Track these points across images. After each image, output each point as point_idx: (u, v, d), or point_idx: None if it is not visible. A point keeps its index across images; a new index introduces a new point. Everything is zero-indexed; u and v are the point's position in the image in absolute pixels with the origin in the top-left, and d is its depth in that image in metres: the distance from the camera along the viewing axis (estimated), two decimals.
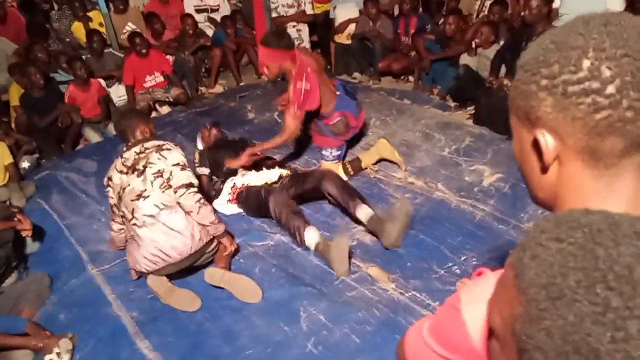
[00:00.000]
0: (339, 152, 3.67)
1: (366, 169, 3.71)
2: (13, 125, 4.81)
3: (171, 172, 2.68)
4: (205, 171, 3.51)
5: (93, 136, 4.86)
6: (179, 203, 2.66)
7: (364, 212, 2.95)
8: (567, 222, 0.49)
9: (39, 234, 3.35)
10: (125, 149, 2.86)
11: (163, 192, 2.65)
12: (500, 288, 0.55)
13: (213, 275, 2.72)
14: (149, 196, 2.64)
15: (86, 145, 4.89)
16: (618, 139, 0.60)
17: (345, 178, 3.55)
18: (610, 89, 0.58)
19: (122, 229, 2.88)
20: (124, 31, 5.89)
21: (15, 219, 3.07)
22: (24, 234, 3.08)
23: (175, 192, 2.65)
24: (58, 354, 2.44)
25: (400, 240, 2.88)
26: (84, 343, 2.56)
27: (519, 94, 0.67)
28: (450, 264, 2.76)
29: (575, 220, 0.48)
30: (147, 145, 2.79)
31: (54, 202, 3.86)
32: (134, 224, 2.65)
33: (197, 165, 3.53)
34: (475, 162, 3.71)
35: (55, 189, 4.06)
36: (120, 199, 2.72)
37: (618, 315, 0.42)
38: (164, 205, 2.64)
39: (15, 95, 4.78)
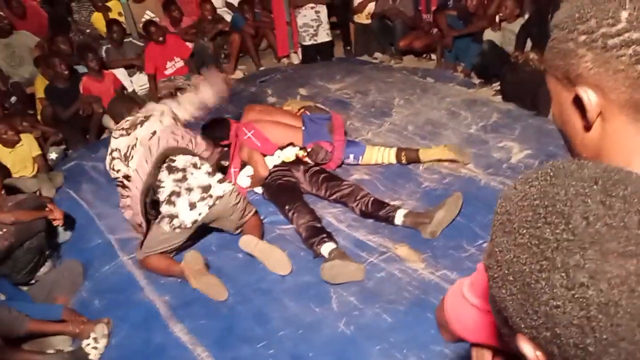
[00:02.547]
0: (351, 155, 3.54)
1: (422, 162, 3.49)
2: (39, 117, 4.87)
3: None
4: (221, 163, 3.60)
5: (113, 125, 4.88)
6: None
7: (399, 214, 2.90)
8: (546, 167, 0.51)
9: (69, 223, 3.41)
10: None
11: None
12: None
13: (248, 242, 2.78)
14: None
15: (110, 135, 4.92)
16: None
17: (393, 162, 3.49)
18: None
19: None
20: (142, 19, 5.89)
21: (46, 209, 3.12)
22: (55, 223, 3.14)
23: None
24: (95, 339, 2.49)
25: (440, 230, 2.82)
26: (118, 328, 2.61)
27: (556, 54, 0.66)
28: (480, 242, 2.72)
29: (552, 166, 0.51)
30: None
31: (82, 192, 3.91)
32: None
33: None
34: (503, 139, 3.64)
35: (83, 178, 4.12)
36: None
37: (547, 247, 0.45)
38: None
39: (40, 87, 4.84)
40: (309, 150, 3.45)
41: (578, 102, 0.65)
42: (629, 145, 0.64)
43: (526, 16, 4.42)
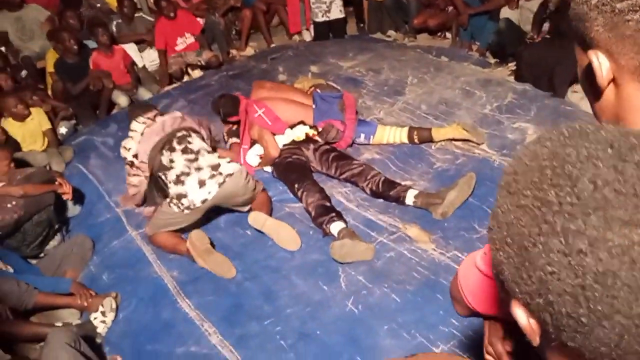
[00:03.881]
0: (362, 134, 3.48)
1: (435, 142, 3.42)
2: (49, 92, 4.86)
3: None
4: (234, 139, 3.61)
5: (123, 101, 4.86)
6: None
7: (410, 194, 2.85)
8: (562, 127, 0.48)
9: (79, 197, 3.41)
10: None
11: None
12: None
13: (257, 218, 2.78)
14: None
15: (120, 110, 4.91)
16: None
17: (405, 142, 3.43)
18: None
19: None
20: None
21: (56, 183, 3.11)
22: (64, 197, 3.14)
23: None
24: (102, 313, 2.50)
25: (452, 211, 2.76)
26: (126, 302, 2.62)
27: (574, 16, 0.65)
28: None
29: (568, 126, 0.48)
30: None
31: (92, 167, 3.91)
32: None
33: (225, 138, 3.70)
34: (518, 119, 3.56)
35: (93, 153, 4.12)
36: None
37: (549, 209, 0.43)
38: None
39: (51, 61, 4.82)
40: (319, 129, 3.40)
41: (592, 66, 0.64)
42: None
43: None
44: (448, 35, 5.36)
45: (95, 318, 2.49)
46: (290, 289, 2.50)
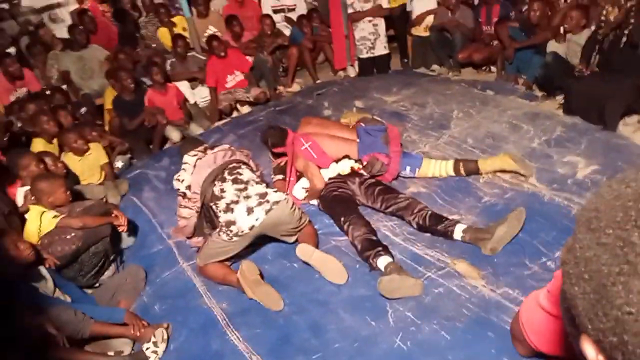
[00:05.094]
0: (407, 167, 3.49)
1: (481, 174, 3.42)
2: (107, 128, 5.11)
3: None
4: (279, 177, 3.67)
5: (175, 136, 5.05)
6: None
7: (458, 228, 2.83)
8: None
9: (132, 229, 3.54)
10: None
11: None
12: None
13: (304, 250, 2.80)
14: None
15: (173, 145, 5.09)
16: None
17: (452, 174, 3.43)
18: None
19: None
20: (205, 34, 6.09)
21: (112, 215, 3.25)
22: (120, 229, 3.26)
23: None
24: (154, 343, 2.56)
25: (501, 246, 2.72)
26: (177, 333, 2.67)
27: None
28: (544, 259, 2.61)
29: None
30: None
31: (145, 199, 4.06)
32: None
33: (272, 173, 3.79)
34: (568, 153, 3.49)
35: (146, 186, 4.27)
36: None
37: (632, 250, 0.43)
38: None
39: (109, 99, 5.09)
40: (364, 162, 3.44)
41: None
42: None
43: (593, 27, 4.26)
44: (493, 69, 5.35)
45: (147, 348, 2.55)
46: (337, 323, 2.50)
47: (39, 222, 3.07)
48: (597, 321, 0.46)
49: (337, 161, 3.46)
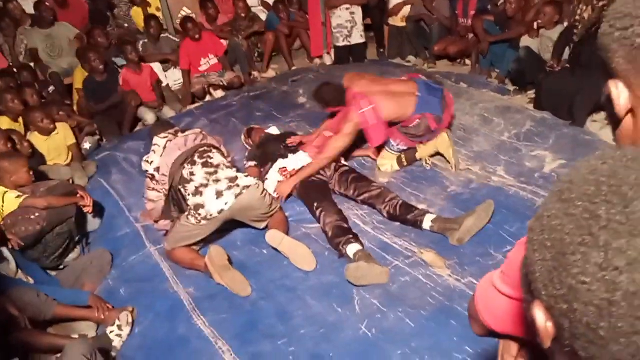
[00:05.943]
0: (405, 147, 3.49)
1: (420, 159, 3.53)
2: (75, 108, 4.99)
3: None
4: (252, 163, 3.58)
5: (150, 117, 4.96)
6: None
7: (428, 218, 2.87)
8: (626, 149, 0.50)
9: (99, 211, 3.48)
10: None
11: None
12: None
13: (274, 236, 2.80)
14: None
15: (144, 128, 5.01)
16: None
17: (396, 169, 3.50)
18: None
19: None
20: (179, 15, 5.97)
21: (77, 195, 3.18)
22: (85, 209, 3.20)
23: None
24: (119, 326, 2.53)
25: (468, 237, 2.77)
26: (143, 317, 2.64)
27: (601, 46, 0.68)
28: (508, 248, 2.65)
29: (633, 150, 0.50)
30: None
31: (113, 182, 3.99)
32: None
33: (245, 160, 3.68)
34: (536, 148, 3.56)
35: (115, 169, 4.20)
36: None
37: (596, 223, 0.44)
38: None
39: (79, 78, 4.95)
40: (416, 121, 3.27)
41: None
42: None
43: (565, 24, 4.32)
44: (468, 62, 5.40)
45: (111, 332, 2.52)
46: (304, 309, 2.51)
47: (2, 202, 2.99)
48: (552, 288, 0.47)
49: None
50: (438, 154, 3.52)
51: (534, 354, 0.93)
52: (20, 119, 4.15)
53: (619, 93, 0.65)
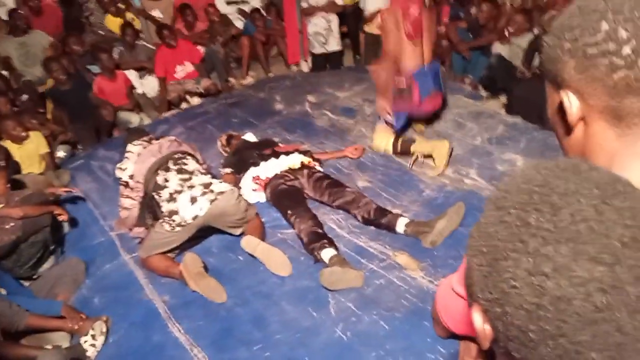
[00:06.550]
0: (396, 120, 3.64)
1: (413, 154, 3.61)
2: (49, 116, 4.93)
3: None
4: (228, 170, 3.57)
5: (134, 119, 4.96)
6: None
7: (401, 222, 2.91)
8: (560, 160, 0.52)
9: (73, 220, 3.43)
10: None
11: None
12: None
13: (249, 242, 2.81)
14: None
15: (120, 134, 4.96)
16: (636, 98, 0.62)
17: (389, 151, 3.64)
18: (626, 50, 0.60)
19: None
20: (152, 12, 5.95)
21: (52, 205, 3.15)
22: (60, 218, 3.17)
23: None
24: (93, 336, 2.50)
25: (441, 239, 2.82)
26: (117, 326, 2.62)
27: (547, 58, 0.69)
28: None
29: (566, 160, 0.52)
30: None
31: (87, 190, 3.94)
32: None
33: (221, 167, 3.67)
34: (508, 151, 3.64)
35: (89, 177, 4.15)
36: None
37: (527, 230, 0.46)
38: None
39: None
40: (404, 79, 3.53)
41: (562, 105, 0.68)
42: (609, 149, 0.66)
43: (535, 31, 4.43)
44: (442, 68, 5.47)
45: (85, 341, 2.49)
46: (280, 314, 2.52)
47: None
48: (487, 292, 0.49)
49: (287, 154, 3.47)
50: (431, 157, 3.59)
51: (493, 355, 0.95)
52: None
53: (571, 103, 0.67)
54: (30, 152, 4.07)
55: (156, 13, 6.01)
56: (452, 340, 1.17)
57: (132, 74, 5.36)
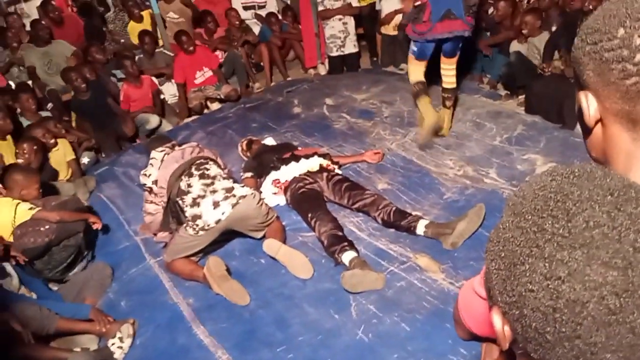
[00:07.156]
0: (414, 48, 3.78)
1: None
2: (73, 124, 5.04)
3: None
4: (248, 174, 3.60)
5: (154, 120, 5.07)
6: None
7: (421, 224, 2.92)
8: (574, 166, 0.54)
9: (104, 227, 3.50)
10: None
11: None
12: None
13: (271, 245, 2.85)
14: None
15: (142, 141, 5.05)
16: None
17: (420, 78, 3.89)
18: (639, 57, 0.61)
19: None
20: (166, 17, 6.03)
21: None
22: (94, 226, 3.24)
23: None
24: (120, 339, 2.57)
25: (462, 241, 2.82)
26: (143, 328, 2.69)
27: (573, 58, 0.71)
28: None
29: (580, 167, 0.53)
30: None
31: (112, 196, 4.04)
32: None
33: (242, 171, 3.70)
34: (528, 151, 3.62)
35: (114, 183, 4.25)
36: None
37: (542, 236, 0.48)
38: None
39: None
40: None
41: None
42: (626, 151, 0.68)
43: (553, 28, 4.39)
44: None
45: (112, 344, 2.56)
46: (302, 316, 2.55)
47: (14, 213, 3.04)
48: (506, 295, 0.52)
49: (307, 157, 3.50)
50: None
51: (513, 357, 0.96)
52: (9, 137, 4.13)
53: (589, 104, 0.69)
54: (58, 159, 4.18)
55: (171, 15, 6.09)
56: (474, 342, 1.19)
57: None
